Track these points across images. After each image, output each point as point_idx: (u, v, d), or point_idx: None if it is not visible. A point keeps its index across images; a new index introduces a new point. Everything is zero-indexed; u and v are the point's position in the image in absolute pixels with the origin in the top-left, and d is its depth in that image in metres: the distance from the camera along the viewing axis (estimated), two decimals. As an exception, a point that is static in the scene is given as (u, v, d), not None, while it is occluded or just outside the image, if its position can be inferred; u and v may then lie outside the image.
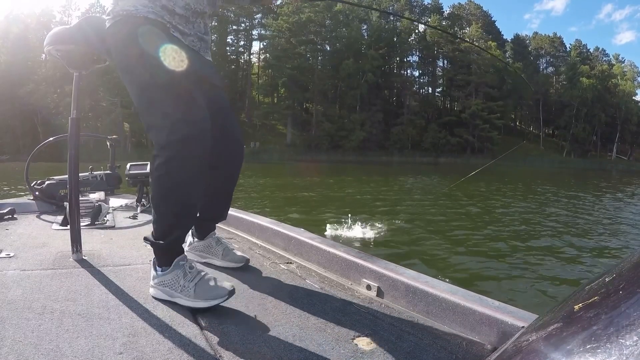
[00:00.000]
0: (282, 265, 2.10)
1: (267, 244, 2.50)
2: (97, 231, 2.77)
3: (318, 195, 13.87)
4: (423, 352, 1.26)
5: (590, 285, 0.50)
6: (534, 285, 4.93)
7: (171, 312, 1.46)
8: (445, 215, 10.07)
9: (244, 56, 68.28)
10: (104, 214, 3.09)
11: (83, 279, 1.75)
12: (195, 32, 1.67)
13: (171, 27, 1.58)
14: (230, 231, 2.90)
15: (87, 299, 1.53)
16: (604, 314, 0.40)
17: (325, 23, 61.92)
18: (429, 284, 1.54)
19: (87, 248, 2.15)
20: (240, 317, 1.46)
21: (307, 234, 2.32)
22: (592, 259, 6.39)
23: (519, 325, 1.21)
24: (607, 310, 0.40)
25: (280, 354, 1.20)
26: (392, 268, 1.71)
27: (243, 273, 1.95)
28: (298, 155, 51.59)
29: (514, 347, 0.48)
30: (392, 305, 1.61)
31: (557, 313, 0.49)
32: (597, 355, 0.35)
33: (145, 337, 1.26)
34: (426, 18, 72.15)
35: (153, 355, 1.15)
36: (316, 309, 1.55)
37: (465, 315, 1.38)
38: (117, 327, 1.31)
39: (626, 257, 0.56)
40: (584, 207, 12.81)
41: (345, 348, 1.26)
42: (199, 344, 1.24)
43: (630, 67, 72.79)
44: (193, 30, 1.65)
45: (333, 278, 1.91)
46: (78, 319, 1.35)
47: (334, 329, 1.39)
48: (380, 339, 1.33)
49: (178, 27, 1.60)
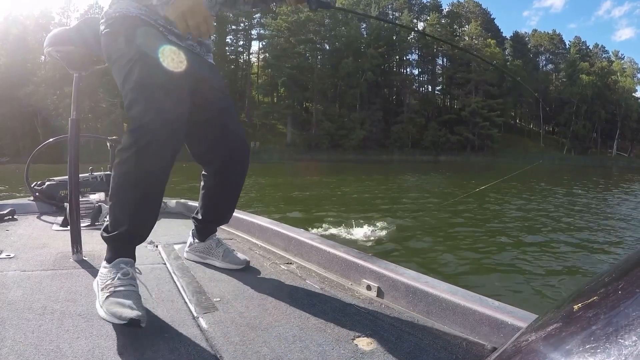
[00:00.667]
0: (282, 266, 2.10)
1: (267, 244, 2.50)
2: (97, 232, 2.76)
3: (317, 195, 13.88)
4: (423, 353, 1.25)
5: (590, 285, 0.50)
6: (534, 285, 4.92)
7: (171, 313, 1.46)
8: (445, 213, 10.06)
9: (244, 56, 68.41)
10: (104, 215, 3.09)
11: (83, 280, 1.75)
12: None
13: (165, 30, 1.58)
14: (230, 231, 2.90)
15: (87, 300, 1.53)
16: (603, 314, 0.40)
17: (325, 22, 61.92)
18: (429, 284, 1.54)
19: (87, 249, 2.15)
20: (240, 318, 1.46)
21: (307, 234, 2.31)
22: (591, 257, 6.40)
23: (519, 325, 1.21)
24: (606, 310, 0.40)
25: (280, 355, 1.20)
26: (392, 268, 1.71)
27: (243, 273, 1.95)
28: (298, 155, 51.63)
29: (514, 347, 0.48)
30: (392, 305, 1.60)
31: (556, 313, 0.49)
32: (596, 355, 0.35)
33: (145, 337, 1.26)
34: (425, 16, 72.22)
35: (153, 356, 1.15)
36: (316, 310, 1.55)
37: (465, 315, 1.38)
38: (118, 327, 1.31)
39: (625, 256, 0.56)
40: (584, 205, 12.80)
41: (345, 348, 1.26)
42: (199, 345, 1.24)
43: (629, 63, 72.86)
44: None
45: (333, 278, 1.91)
46: (78, 320, 1.35)
47: (334, 329, 1.39)
48: (380, 339, 1.33)
49: (174, 30, 1.60)
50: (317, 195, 13.75)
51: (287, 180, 20.82)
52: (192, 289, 1.71)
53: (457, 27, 71.77)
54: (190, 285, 1.75)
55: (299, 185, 17.52)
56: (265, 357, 1.18)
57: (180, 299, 1.60)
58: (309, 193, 14.41)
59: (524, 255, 6.28)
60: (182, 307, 1.52)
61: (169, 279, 1.85)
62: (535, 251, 6.54)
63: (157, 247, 2.38)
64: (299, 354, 1.22)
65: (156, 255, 2.24)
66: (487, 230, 8.23)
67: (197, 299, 1.61)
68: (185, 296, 1.63)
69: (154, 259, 2.17)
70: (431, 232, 7.73)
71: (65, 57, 2.05)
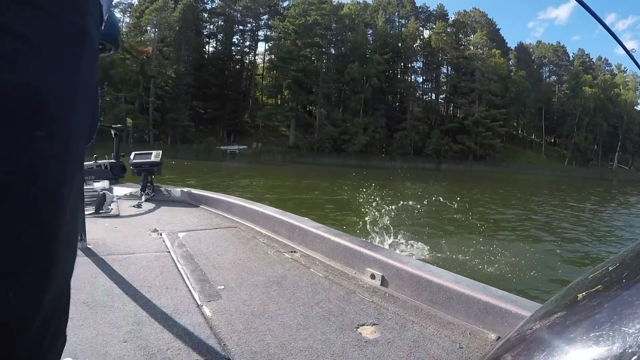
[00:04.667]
0: (286, 254, 2.10)
1: (271, 232, 2.51)
2: (101, 220, 2.77)
3: (316, 198, 13.88)
4: (427, 341, 1.26)
5: (594, 274, 0.51)
6: (537, 274, 4.94)
7: (175, 301, 1.46)
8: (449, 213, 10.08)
9: (249, 56, 68.56)
10: (109, 203, 3.10)
11: (88, 268, 1.76)
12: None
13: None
14: (234, 220, 2.91)
15: (91, 288, 1.53)
16: (607, 302, 0.40)
17: (332, 26, 62.04)
18: (433, 273, 1.54)
19: (91, 237, 2.16)
20: (244, 306, 1.46)
21: (311, 223, 2.32)
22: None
23: (523, 314, 1.21)
24: (610, 299, 0.41)
25: (284, 342, 1.21)
26: (396, 257, 1.71)
27: (247, 261, 1.95)
28: (300, 158, 51.62)
29: (518, 335, 0.49)
30: (396, 294, 1.61)
31: (560, 302, 0.49)
32: (600, 343, 0.35)
33: (149, 325, 1.27)
34: (431, 24, 72.36)
35: (157, 344, 1.16)
36: (320, 298, 1.55)
37: (469, 304, 1.38)
38: (122, 315, 1.32)
39: (630, 246, 0.56)
40: (586, 211, 12.83)
41: (349, 336, 1.27)
42: (203, 332, 1.24)
43: (632, 76, 72.75)
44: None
45: (337, 267, 1.91)
46: (83, 307, 1.36)
47: (338, 317, 1.40)
48: (384, 327, 1.34)
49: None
50: (315, 198, 13.74)
51: (290, 182, 20.78)
52: (196, 277, 1.71)
53: (462, 37, 71.83)
54: (194, 273, 1.76)
55: (301, 188, 17.49)
56: (269, 345, 1.19)
57: (184, 287, 1.61)
58: (309, 195, 14.41)
59: (527, 244, 6.32)
60: (186, 295, 1.53)
61: (173, 266, 1.86)
62: (538, 241, 6.58)
63: (162, 235, 2.39)
64: (302, 342, 1.22)
65: (160, 243, 2.25)
66: (491, 223, 8.27)
67: (201, 286, 1.61)
68: (189, 284, 1.63)
69: (158, 247, 2.17)
70: (436, 224, 7.72)
71: None
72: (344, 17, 63.09)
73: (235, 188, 14.96)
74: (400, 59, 68.09)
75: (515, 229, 8.95)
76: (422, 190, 19.63)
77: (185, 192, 3.79)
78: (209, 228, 2.68)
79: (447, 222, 8.84)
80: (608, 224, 11.27)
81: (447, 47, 66.80)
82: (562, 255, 6.50)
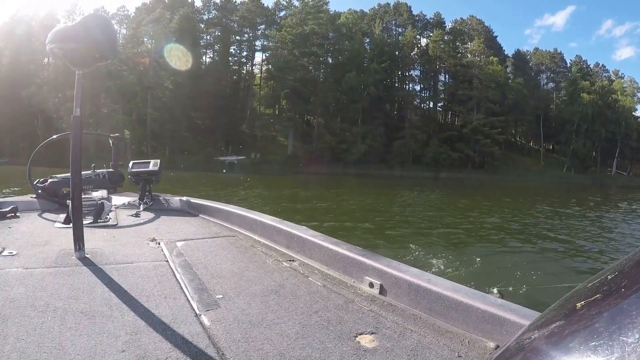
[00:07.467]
0: (285, 263, 2.09)
1: (269, 241, 2.50)
2: (99, 229, 2.77)
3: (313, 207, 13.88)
4: (426, 350, 1.25)
5: (592, 283, 0.50)
6: (536, 283, 4.93)
7: (173, 310, 1.45)
8: (448, 218, 10.08)
9: (247, 67, 68.79)
10: (107, 212, 3.09)
11: (86, 277, 1.75)
12: None
13: None
14: (233, 229, 2.90)
15: (89, 297, 1.53)
16: (605, 311, 0.40)
17: (329, 36, 62.39)
18: (431, 282, 1.54)
19: (89, 246, 2.15)
20: (243, 315, 1.45)
21: (309, 231, 2.31)
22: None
23: (522, 323, 1.20)
24: (608, 308, 0.40)
25: (283, 352, 1.20)
26: (394, 266, 1.71)
27: (245, 270, 1.95)
28: (299, 167, 51.61)
29: (517, 344, 0.48)
30: (394, 302, 1.60)
31: (559, 311, 0.49)
32: (598, 353, 0.35)
33: (147, 335, 1.26)
34: (428, 32, 72.82)
35: (155, 353, 1.15)
36: (319, 307, 1.55)
37: (467, 312, 1.38)
38: (120, 325, 1.31)
39: (627, 255, 0.56)
40: (584, 217, 12.83)
41: (347, 345, 1.26)
42: (201, 342, 1.24)
43: (630, 82, 73.14)
44: None
45: (335, 276, 1.90)
46: (81, 317, 1.35)
47: (337, 326, 1.39)
48: (382, 336, 1.33)
49: None
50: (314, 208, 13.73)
51: (289, 192, 20.77)
52: (195, 286, 1.70)
53: (459, 44, 72.25)
54: (192, 282, 1.75)
55: (302, 197, 17.49)
56: (268, 355, 1.18)
57: (182, 296, 1.60)
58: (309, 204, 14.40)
59: (526, 252, 6.32)
60: (184, 304, 1.52)
61: (172, 276, 1.85)
62: (537, 250, 6.58)
63: (160, 244, 2.38)
64: (301, 351, 1.21)
65: (159, 252, 2.24)
66: (488, 231, 8.24)
67: (199, 296, 1.60)
68: (187, 293, 1.63)
69: (156, 256, 2.16)
70: (433, 233, 7.72)
71: (67, 54, 2.05)
72: (341, 26, 63.45)
73: (236, 199, 14.91)
74: (398, 67, 68.46)
75: (514, 236, 8.95)
76: (419, 197, 19.68)
77: (184, 201, 3.79)
78: (207, 237, 2.68)
79: (447, 229, 8.85)
80: (607, 230, 11.31)
81: (445, 55, 67.16)
82: (562, 262, 6.50)
